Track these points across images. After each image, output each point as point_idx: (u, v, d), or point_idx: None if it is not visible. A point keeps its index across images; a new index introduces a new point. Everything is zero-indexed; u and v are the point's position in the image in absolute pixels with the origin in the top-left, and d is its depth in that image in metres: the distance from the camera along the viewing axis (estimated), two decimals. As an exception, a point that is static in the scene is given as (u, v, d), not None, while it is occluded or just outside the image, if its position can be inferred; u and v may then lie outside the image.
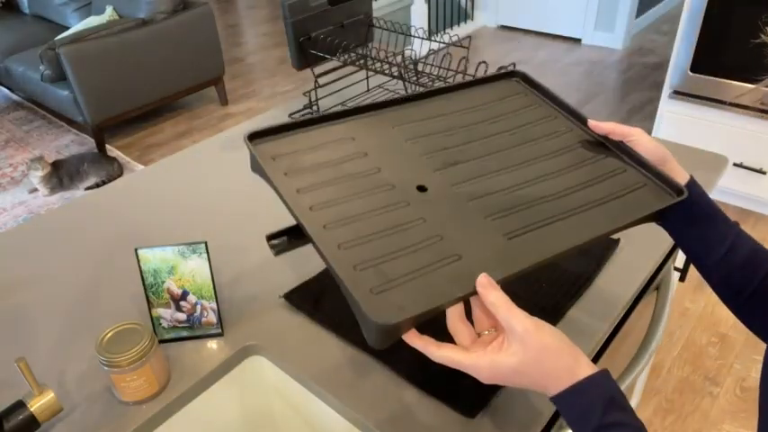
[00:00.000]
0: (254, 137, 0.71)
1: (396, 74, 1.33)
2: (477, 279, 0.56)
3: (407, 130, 0.75)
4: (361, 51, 1.41)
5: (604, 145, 0.75)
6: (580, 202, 0.67)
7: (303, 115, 1.50)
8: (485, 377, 0.56)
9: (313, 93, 1.45)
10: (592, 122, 0.76)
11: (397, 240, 0.61)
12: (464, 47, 1.37)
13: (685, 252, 0.72)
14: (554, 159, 0.73)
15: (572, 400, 0.54)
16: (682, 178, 0.70)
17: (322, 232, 0.62)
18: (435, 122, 0.77)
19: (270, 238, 0.66)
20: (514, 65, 1.06)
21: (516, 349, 0.54)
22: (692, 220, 0.70)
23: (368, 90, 1.62)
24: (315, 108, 1.48)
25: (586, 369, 0.54)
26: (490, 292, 0.56)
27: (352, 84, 1.65)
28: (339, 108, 0.77)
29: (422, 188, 0.68)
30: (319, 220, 0.63)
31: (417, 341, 0.57)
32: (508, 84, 0.85)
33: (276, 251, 0.65)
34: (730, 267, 0.69)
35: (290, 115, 1.51)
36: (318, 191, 0.66)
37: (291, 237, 0.66)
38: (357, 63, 1.38)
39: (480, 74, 0.99)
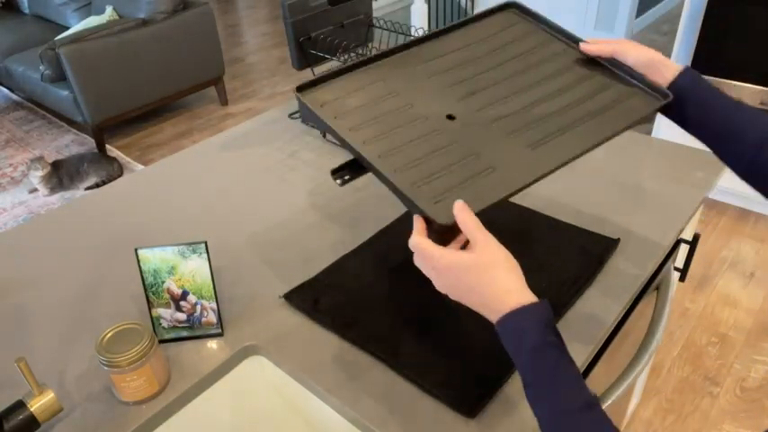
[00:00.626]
0: (301, 89, 0.79)
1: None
2: (455, 203, 0.64)
3: (428, 68, 0.84)
4: (361, 51, 1.40)
5: (597, 62, 0.84)
6: (583, 114, 0.78)
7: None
8: (442, 272, 0.63)
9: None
10: (583, 46, 0.83)
11: (441, 161, 0.71)
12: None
13: (700, 139, 0.77)
14: (555, 80, 0.82)
15: (518, 318, 0.59)
16: (674, 71, 0.76)
17: (378, 161, 0.71)
18: (450, 58, 0.86)
19: (334, 171, 0.73)
20: None
21: (475, 252, 0.62)
22: (693, 107, 0.75)
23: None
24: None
25: (530, 295, 0.61)
26: (462, 213, 0.63)
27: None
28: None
29: (450, 117, 0.78)
30: (374, 151, 0.72)
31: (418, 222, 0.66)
32: (506, 15, 0.93)
33: (342, 182, 0.73)
34: (744, 148, 0.72)
35: (290, 116, 1.51)
36: (366, 128, 0.75)
37: (352, 169, 0.74)
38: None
39: None
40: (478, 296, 0.62)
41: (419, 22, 4.28)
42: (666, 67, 0.76)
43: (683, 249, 1.20)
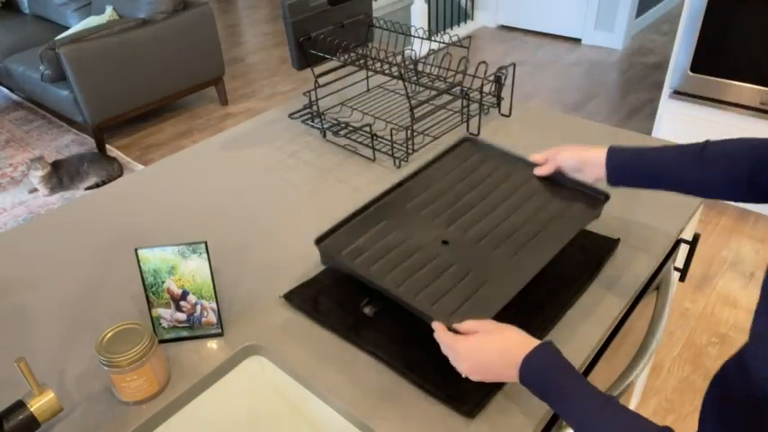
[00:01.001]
0: (319, 240, 0.94)
1: (396, 74, 1.32)
2: (433, 324, 0.78)
3: (415, 204, 1.01)
4: (361, 51, 1.41)
5: (546, 177, 1.03)
6: (545, 219, 0.95)
7: (302, 115, 1.51)
8: (463, 356, 0.73)
9: (313, 93, 1.44)
10: (536, 170, 1.01)
11: (446, 281, 0.86)
12: (464, 46, 1.38)
13: (662, 189, 0.89)
14: (516, 195, 1.01)
15: (531, 363, 0.67)
16: (601, 163, 0.90)
17: (398, 291, 0.84)
18: (431, 192, 1.03)
19: (363, 305, 0.90)
20: (514, 65, 1.09)
21: (480, 333, 0.74)
22: (628, 180, 0.90)
23: (368, 90, 1.62)
24: (314, 108, 1.46)
25: (533, 340, 0.70)
26: (439, 334, 0.76)
27: (353, 84, 1.66)
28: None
29: (445, 242, 0.93)
30: (392, 283, 0.86)
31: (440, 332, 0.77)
32: (464, 148, 1.13)
33: (372, 313, 0.90)
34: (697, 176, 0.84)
35: (290, 116, 1.51)
36: (380, 264, 0.89)
37: (377, 299, 0.91)
38: (357, 63, 1.38)
39: (480, 73, 1.03)
40: (498, 361, 0.71)
41: (419, 21, 4.28)
42: (594, 162, 0.91)
43: (683, 249, 1.20)
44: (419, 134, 1.39)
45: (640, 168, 0.88)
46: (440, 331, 0.76)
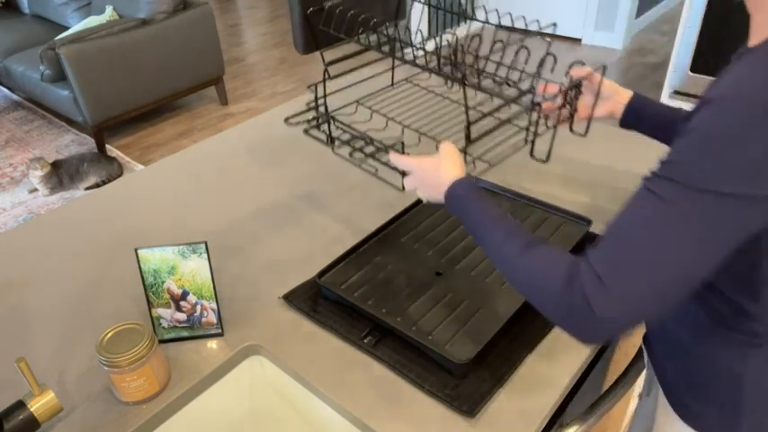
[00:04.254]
0: (320, 275, 0.97)
1: (442, 71, 0.94)
2: (390, 155, 0.87)
3: (408, 239, 1.05)
4: (388, 33, 1.01)
5: (530, 205, 1.10)
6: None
7: (305, 121, 1.07)
8: (414, 168, 0.84)
9: (320, 87, 1.05)
10: (577, 71, 0.98)
11: (442, 311, 0.90)
12: (546, 36, 1.00)
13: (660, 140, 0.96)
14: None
15: (454, 189, 0.77)
16: (626, 96, 0.96)
17: (398, 323, 0.88)
18: (421, 228, 1.08)
19: (363, 337, 0.89)
20: (604, 67, 0.98)
21: (428, 158, 0.83)
22: (640, 124, 0.96)
23: (392, 85, 1.24)
24: (321, 111, 1.05)
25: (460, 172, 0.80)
26: (396, 159, 0.86)
27: (372, 76, 1.24)
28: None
29: (439, 273, 0.97)
30: (391, 316, 0.89)
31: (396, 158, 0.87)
32: None
33: (374, 344, 0.88)
34: None
35: (287, 120, 1.10)
36: (378, 298, 0.93)
37: (377, 331, 0.90)
38: (383, 49, 0.99)
39: (566, 82, 0.95)
40: (434, 189, 0.81)
41: (419, 21, 4.27)
42: (621, 97, 0.97)
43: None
44: (470, 158, 0.99)
45: (652, 118, 0.94)
46: (396, 156, 0.86)
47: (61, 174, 2.91)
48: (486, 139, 1.04)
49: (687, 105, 2.47)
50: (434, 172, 0.80)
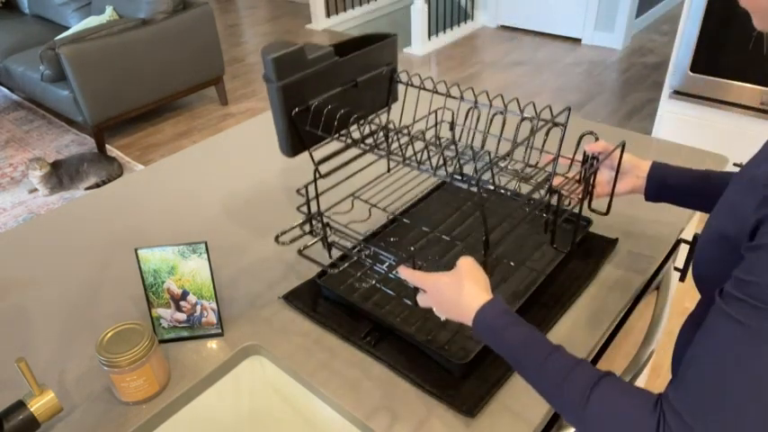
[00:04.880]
0: (320, 275, 0.96)
1: (457, 174, 0.77)
2: (399, 270, 0.79)
3: (409, 238, 1.04)
4: (380, 125, 0.86)
5: (530, 205, 1.03)
6: (535, 244, 1.02)
7: (301, 226, 0.96)
8: (429, 287, 0.75)
9: (311, 187, 0.98)
10: (590, 147, 0.92)
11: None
12: (558, 124, 0.85)
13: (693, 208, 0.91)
14: (505, 224, 1.04)
15: (482, 315, 0.69)
16: (645, 168, 0.92)
17: (398, 323, 0.88)
18: (423, 227, 1.07)
19: (363, 336, 0.87)
20: (623, 145, 0.90)
21: (446, 274, 0.75)
22: (667, 195, 0.91)
23: (389, 171, 1.10)
24: (316, 224, 0.94)
25: (487, 295, 0.71)
26: (408, 275, 0.78)
27: (367, 166, 1.06)
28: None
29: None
30: (390, 315, 0.90)
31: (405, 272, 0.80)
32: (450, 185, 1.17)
33: (374, 344, 0.87)
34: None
35: (278, 239, 0.94)
36: (376, 296, 0.93)
37: (376, 331, 0.88)
38: (368, 143, 0.86)
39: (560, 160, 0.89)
40: (456, 313, 0.73)
41: (419, 21, 4.28)
42: (640, 170, 0.92)
43: (683, 249, 1.20)
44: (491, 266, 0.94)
45: (679, 186, 0.89)
46: (407, 271, 0.78)
47: (61, 174, 2.91)
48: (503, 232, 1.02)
49: (688, 105, 2.47)
50: (455, 293, 0.72)
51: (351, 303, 0.91)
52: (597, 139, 0.92)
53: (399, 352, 0.85)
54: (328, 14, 5.04)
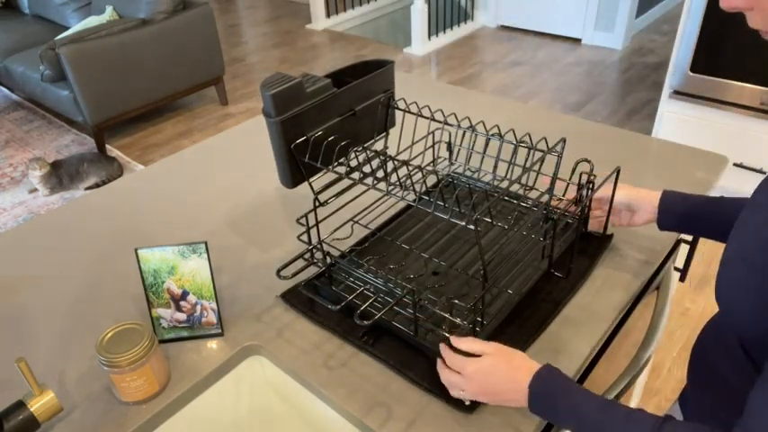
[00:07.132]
0: (318, 277, 0.96)
1: (453, 214, 0.75)
2: (451, 340, 0.76)
3: (406, 238, 1.06)
4: (375, 150, 0.87)
5: (529, 206, 1.05)
6: (528, 246, 1.00)
7: (304, 256, 0.96)
8: (473, 379, 0.72)
9: (311, 216, 0.99)
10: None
11: (439, 309, 0.86)
12: (554, 153, 0.86)
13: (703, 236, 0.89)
14: (498, 226, 1.05)
15: (537, 386, 0.68)
16: (654, 199, 0.91)
17: (394, 321, 0.87)
18: (421, 227, 1.08)
19: (361, 336, 0.88)
20: (618, 170, 0.92)
21: (491, 357, 0.73)
22: (680, 223, 0.89)
23: (388, 193, 0.90)
24: (317, 255, 0.97)
25: (534, 363, 0.71)
26: (459, 342, 0.75)
27: (366, 190, 0.95)
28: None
29: (435, 273, 0.97)
30: (389, 313, 0.87)
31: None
32: (445, 184, 1.16)
33: (372, 343, 0.87)
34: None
35: (279, 273, 0.93)
36: (375, 296, 0.90)
37: (374, 331, 0.89)
38: (372, 181, 0.84)
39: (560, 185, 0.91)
40: (505, 389, 0.71)
41: (419, 21, 4.28)
42: (647, 202, 0.92)
43: (683, 249, 1.20)
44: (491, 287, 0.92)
45: (690, 215, 0.87)
46: (448, 353, 0.76)
47: (61, 174, 2.91)
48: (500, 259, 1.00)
49: (688, 105, 2.47)
50: (503, 367, 0.70)
51: (350, 303, 0.91)
52: (592, 168, 0.92)
53: (398, 351, 0.85)
54: (328, 14, 5.04)
